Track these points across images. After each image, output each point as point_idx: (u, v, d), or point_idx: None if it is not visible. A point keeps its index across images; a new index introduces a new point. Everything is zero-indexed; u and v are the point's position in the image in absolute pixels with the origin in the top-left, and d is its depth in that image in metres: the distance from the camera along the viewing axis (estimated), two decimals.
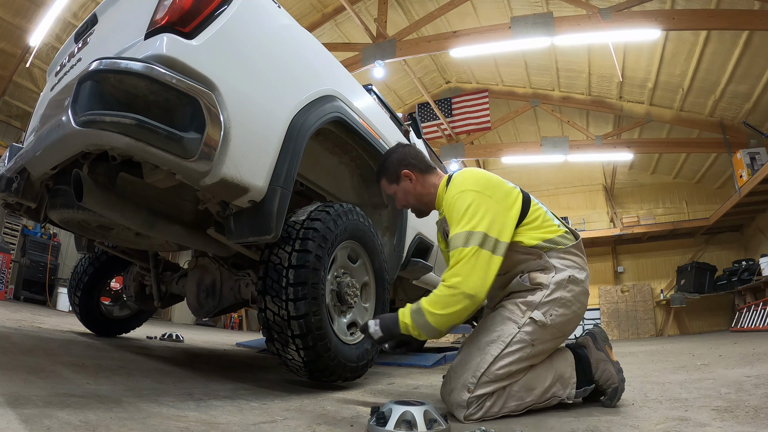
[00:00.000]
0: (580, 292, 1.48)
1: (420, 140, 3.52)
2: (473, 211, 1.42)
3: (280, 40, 1.70)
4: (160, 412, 1.16)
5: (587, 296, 1.53)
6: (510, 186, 1.57)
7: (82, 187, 1.40)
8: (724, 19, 6.12)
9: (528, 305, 1.44)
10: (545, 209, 1.60)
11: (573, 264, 1.50)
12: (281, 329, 1.60)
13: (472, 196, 1.45)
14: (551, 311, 1.42)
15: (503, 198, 1.49)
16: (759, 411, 1.33)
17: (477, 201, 1.44)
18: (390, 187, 1.76)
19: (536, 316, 1.41)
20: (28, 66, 7.53)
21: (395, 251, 2.55)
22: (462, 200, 1.46)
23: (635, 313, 11.45)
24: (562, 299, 1.44)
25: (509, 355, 1.39)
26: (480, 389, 1.36)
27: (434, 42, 7.30)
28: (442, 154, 10.42)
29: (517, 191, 1.56)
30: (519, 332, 1.40)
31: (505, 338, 1.40)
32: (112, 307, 3.04)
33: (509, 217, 1.46)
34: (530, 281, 1.46)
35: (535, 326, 1.41)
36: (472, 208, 1.43)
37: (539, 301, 1.43)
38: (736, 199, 8.80)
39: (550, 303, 1.43)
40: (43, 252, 7.68)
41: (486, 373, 1.37)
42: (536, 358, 1.44)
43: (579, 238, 1.57)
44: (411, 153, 1.75)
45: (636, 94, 9.65)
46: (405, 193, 1.73)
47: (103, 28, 1.78)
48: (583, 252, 1.57)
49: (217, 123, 1.31)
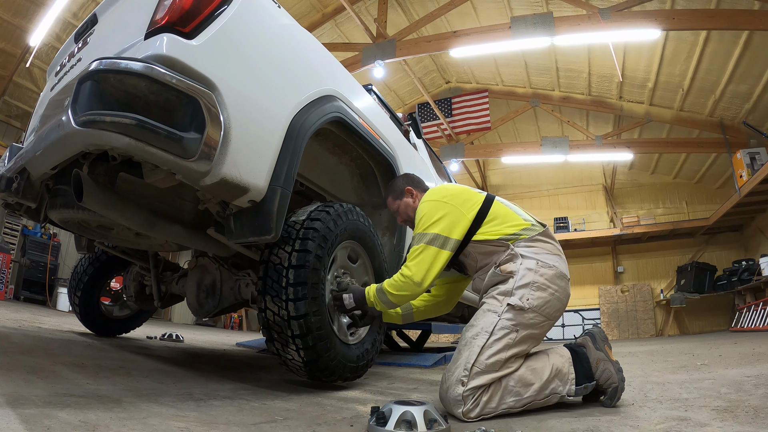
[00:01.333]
0: (554, 275, 1.56)
1: (420, 140, 3.52)
2: (428, 216, 1.66)
3: (280, 40, 1.70)
4: (160, 412, 1.16)
5: (564, 280, 1.60)
6: (473, 194, 1.75)
7: (82, 187, 1.40)
8: (724, 19, 6.12)
9: (503, 294, 1.55)
10: (512, 207, 1.74)
11: (542, 250, 1.61)
12: (281, 329, 1.60)
13: (430, 204, 1.70)
14: (527, 295, 1.52)
15: (460, 204, 1.68)
16: (759, 411, 1.33)
17: (433, 207, 1.67)
18: (394, 203, 2.01)
19: (512, 302, 1.51)
20: (28, 66, 7.54)
21: (395, 251, 2.55)
22: (421, 209, 1.71)
23: (635, 313, 11.45)
24: (535, 282, 1.53)
25: (495, 343, 1.46)
26: (473, 381, 1.40)
27: (434, 42, 7.30)
28: (442, 154, 10.41)
29: (480, 198, 1.73)
30: (500, 320, 1.49)
31: (488, 328, 1.49)
32: (112, 307, 3.04)
33: (464, 219, 1.65)
34: (502, 271, 1.58)
35: (514, 311, 1.50)
36: (428, 214, 1.66)
37: (513, 288, 1.54)
38: (736, 199, 8.80)
39: (524, 287, 1.53)
40: (43, 252, 7.68)
41: (476, 363, 1.43)
42: (524, 343, 1.49)
43: (546, 226, 1.70)
44: (414, 177, 2.06)
45: (636, 94, 9.65)
46: (405, 207, 1.97)
47: (103, 28, 1.78)
48: (553, 239, 1.69)
49: (217, 123, 1.31)
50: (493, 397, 1.41)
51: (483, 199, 1.72)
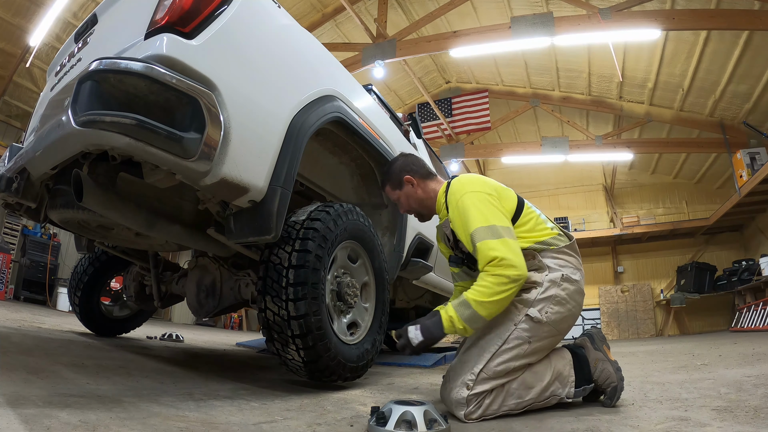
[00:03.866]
0: (574, 290, 1.52)
1: (420, 140, 3.52)
2: (483, 209, 1.51)
3: (280, 40, 1.70)
4: (160, 412, 1.16)
5: (582, 296, 1.56)
6: (508, 191, 1.66)
7: (82, 187, 1.40)
8: (724, 19, 6.12)
9: (524, 303, 1.47)
10: (538, 212, 1.66)
11: (566, 263, 1.55)
12: (281, 329, 1.60)
13: (478, 197, 1.55)
14: (546, 308, 1.46)
15: (503, 196, 1.60)
16: (759, 411, 1.33)
17: (484, 200, 1.53)
18: (393, 192, 1.86)
19: (532, 313, 1.45)
20: (28, 66, 7.54)
21: (395, 251, 2.55)
22: (467, 201, 1.54)
23: (635, 313, 11.45)
24: (557, 297, 1.48)
25: (506, 351, 1.42)
26: (479, 386, 1.39)
27: (434, 42, 7.30)
28: (442, 154, 10.41)
29: (514, 197, 1.65)
30: (516, 329, 1.44)
31: (502, 335, 1.44)
32: (112, 307, 3.04)
33: (506, 211, 1.56)
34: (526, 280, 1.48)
35: (531, 323, 1.45)
36: (481, 207, 1.51)
37: (534, 299, 1.47)
38: (736, 199, 8.80)
39: (545, 300, 1.47)
40: (43, 252, 7.68)
41: (484, 369, 1.40)
42: (533, 355, 1.46)
43: (573, 239, 1.62)
44: (412, 160, 1.86)
45: (636, 94, 9.64)
46: (407, 198, 1.82)
47: (103, 28, 1.78)
48: (578, 253, 1.62)
49: (217, 123, 1.31)
50: (496, 399, 1.40)
51: (517, 200, 1.64)
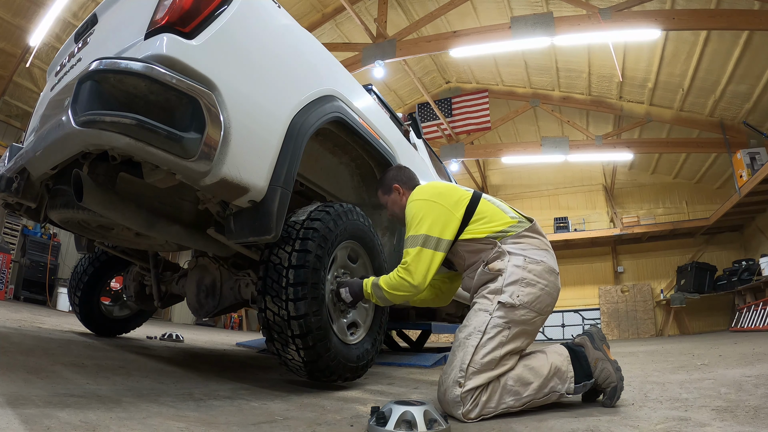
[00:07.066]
0: (542, 270, 1.57)
1: (420, 140, 3.52)
2: (419, 216, 1.66)
3: (280, 40, 1.70)
4: (160, 412, 1.16)
5: (554, 274, 1.61)
6: (461, 192, 1.75)
7: (82, 187, 1.40)
8: (724, 19, 6.12)
9: (494, 292, 1.55)
10: (498, 204, 1.75)
11: (529, 246, 1.62)
12: (281, 329, 1.60)
13: (419, 204, 1.70)
14: (517, 292, 1.52)
15: (450, 204, 1.68)
16: (759, 411, 1.33)
17: (423, 207, 1.68)
18: (383, 197, 2.04)
19: (503, 299, 1.51)
20: (28, 66, 7.54)
21: (395, 251, 2.55)
22: (411, 208, 1.72)
23: (635, 313, 11.45)
24: (524, 279, 1.54)
25: (488, 342, 1.46)
26: (470, 382, 1.40)
27: (434, 42, 7.30)
28: (442, 154, 10.41)
29: (467, 195, 1.73)
30: (491, 318, 1.50)
31: (480, 327, 1.49)
32: (112, 307, 3.04)
33: (454, 218, 1.66)
34: (490, 270, 1.59)
35: (505, 309, 1.50)
36: (418, 214, 1.67)
37: (502, 285, 1.54)
38: (736, 199, 8.80)
39: (513, 284, 1.53)
40: (43, 252, 7.68)
41: (471, 363, 1.43)
42: (517, 340, 1.50)
43: (533, 221, 1.71)
44: (404, 172, 2.04)
45: (636, 94, 9.64)
46: (393, 203, 1.99)
47: (103, 28, 1.78)
48: (540, 233, 1.69)
49: (217, 123, 1.30)
50: (492, 396, 1.41)
51: (470, 198, 1.72)
